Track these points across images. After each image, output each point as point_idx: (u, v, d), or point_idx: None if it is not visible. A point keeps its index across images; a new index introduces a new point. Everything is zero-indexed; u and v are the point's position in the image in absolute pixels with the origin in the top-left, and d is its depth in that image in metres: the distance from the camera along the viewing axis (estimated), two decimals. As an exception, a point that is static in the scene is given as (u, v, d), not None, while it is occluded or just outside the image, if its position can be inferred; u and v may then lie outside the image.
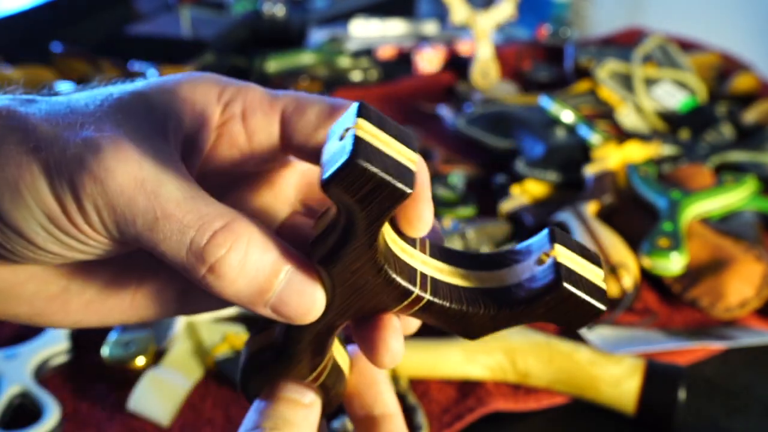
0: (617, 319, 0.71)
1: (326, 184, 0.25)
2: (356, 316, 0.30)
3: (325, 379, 0.34)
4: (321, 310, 0.29)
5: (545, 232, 0.29)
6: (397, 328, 0.30)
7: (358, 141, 0.25)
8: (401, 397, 0.61)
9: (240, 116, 0.32)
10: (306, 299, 0.28)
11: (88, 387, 0.63)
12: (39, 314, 0.32)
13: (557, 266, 0.28)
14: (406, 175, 0.25)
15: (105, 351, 0.62)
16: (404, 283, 0.28)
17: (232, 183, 0.35)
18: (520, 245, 0.30)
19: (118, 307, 0.33)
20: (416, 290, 0.28)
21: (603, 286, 0.29)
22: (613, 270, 0.73)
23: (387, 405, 0.36)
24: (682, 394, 0.59)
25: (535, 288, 0.28)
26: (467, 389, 0.62)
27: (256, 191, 0.35)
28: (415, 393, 0.62)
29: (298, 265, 0.28)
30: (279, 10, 1.52)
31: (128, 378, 0.62)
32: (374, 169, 0.24)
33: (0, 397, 0.59)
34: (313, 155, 0.32)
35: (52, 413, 0.58)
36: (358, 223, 0.26)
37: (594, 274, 0.29)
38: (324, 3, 1.64)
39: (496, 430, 0.60)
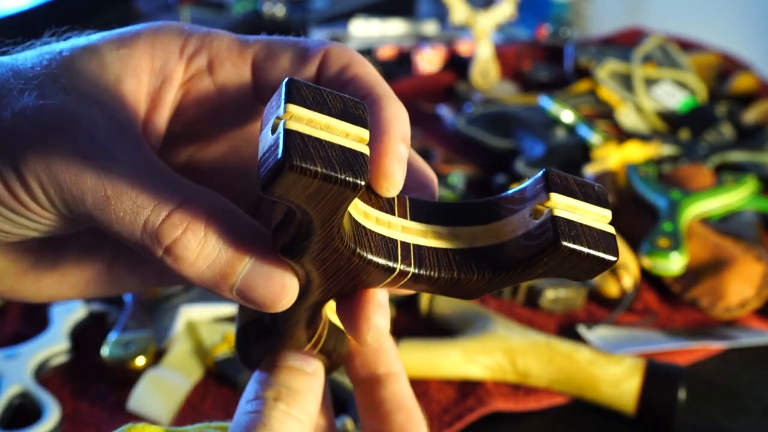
0: (617, 319, 0.71)
1: (264, 190, 0.22)
2: (341, 293, 0.28)
3: (323, 345, 0.32)
4: (293, 296, 0.26)
5: (540, 175, 0.26)
6: (381, 303, 0.27)
7: (289, 137, 0.21)
8: (401, 397, 0.61)
9: (207, 69, 0.29)
10: (274, 285, 0.26)
11: (88, 387, 0.63)
12: (11, 290, 0.30)
13: (554, 221, 0.25)
14: (355, 163, 0.22)
15: (105, 351, 0.62)
16: (383, 261, 0.25)
17: (206, 141, 0.32)
18: (514, 190, 0.27)
19: (95, 279, 0.31)
20: (398, 266, 0.26)
21: (610, 230, 0.26)
22: (613, 270, 0.73)
23: (391, 363, 0.33)
24: (682, 394, 0.59)
25: (531, 246, 0.25)
26: (467, 389, 0.62)
27: (233, 147, 0.32)
28: (415, 393, 0.62)
29: (267, 247, 0.26)
30: (279, 10, 1.52)
31: (128, 378, 0.62)
32: (314, 168, 0.21)
33: (0, 397, 0.59)
34: None
35: (52, 413, 0.58)
36: (314, 220, 0.23)
37: (599, 217, 0.26)
38: (324, 3, 1.64)
39: (496, 430, 0.60)
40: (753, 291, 0.73)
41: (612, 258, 0.25)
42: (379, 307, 0.27)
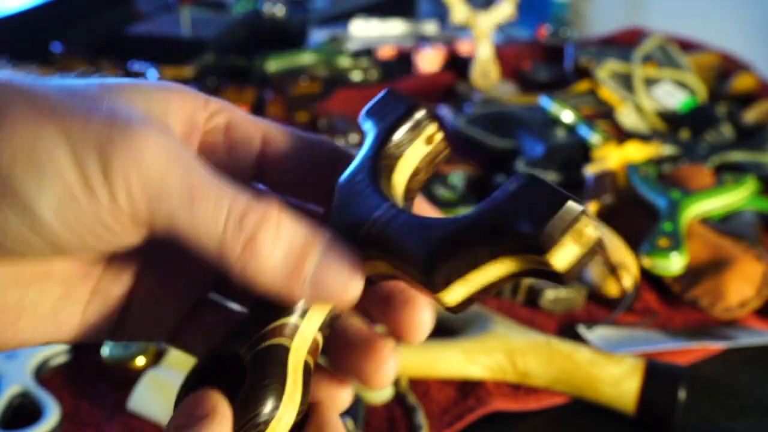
0: (617, 319, 0.71)
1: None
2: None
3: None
4: (360, 284, 0.26)
5: None
6: (425, 302, 0.28)
7: None
8: (401, 397, 0.61)
9: (224, 128, 0.31)
10: (345, 270, 0.26)
11: (88, 387, 0.63)
12: None
13: None
14: None
15: (105, 351, 0.62)
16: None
17: None
18: None
19: (68, 323, 0.30)
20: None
21: None
22: (613, 270, 0.73)
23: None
24: (682, 394, 0.59)
25: None
26: (467, 389, 0.62)
27: None
28: (415, 393, 0.62)
29: (330, 235, 0.27)
30: (279, 10, 1.52)
31: (128, 378, 0.62)
32: None
33: (0, 397, 0.59)
34: (287, 186, 0.31)
35: (52, 413, 0.58)
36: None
37: None
38: (324, 3, 1.64)
39: (496, 430, 0.60)
40: (753, 291, 0.73)
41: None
42: (425, 303, 0.28)
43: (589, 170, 0.88)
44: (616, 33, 1.43)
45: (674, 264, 0.73)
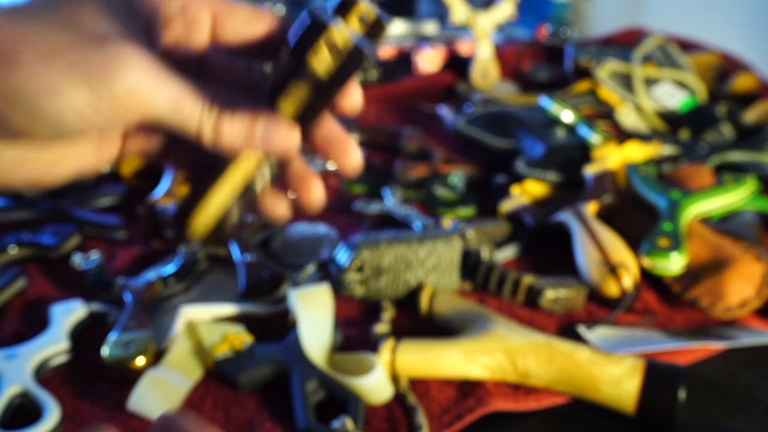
0: (617, 319, 0.71)
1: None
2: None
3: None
4: (297, 139, 0.39)
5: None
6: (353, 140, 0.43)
7: None
8: (401, 397, 0.61)
9: (180, 10, 0.38)
10: (283, 127, 0.38)
11: (88, 387, 0.63)
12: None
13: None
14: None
15: (105, 351, 0.62)
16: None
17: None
18: None
19: (83, 153, 0.39)
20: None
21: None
22: (613, 270, 0.73)
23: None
24: (682, 394, 0.59)
25: None
26: (467, 389, 0.62)
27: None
28: (415, 393, 0.62)
29: (267, 112, 0.38)
30: (279, 10, 1.52)
31: (128, 378, 0.62)
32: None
33: (0, 397, 0.59)
34: (239, 51, 0.40)
35: (52, 413, 0.58)
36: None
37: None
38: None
39: (496, 430, 0.60)
40: (753, 291, 0.73)
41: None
42: (353, 143, 0.43)
43: (589, 170, 0.88)
44: (616, 33, 1.43)
45: (674, 264, 0.74)
